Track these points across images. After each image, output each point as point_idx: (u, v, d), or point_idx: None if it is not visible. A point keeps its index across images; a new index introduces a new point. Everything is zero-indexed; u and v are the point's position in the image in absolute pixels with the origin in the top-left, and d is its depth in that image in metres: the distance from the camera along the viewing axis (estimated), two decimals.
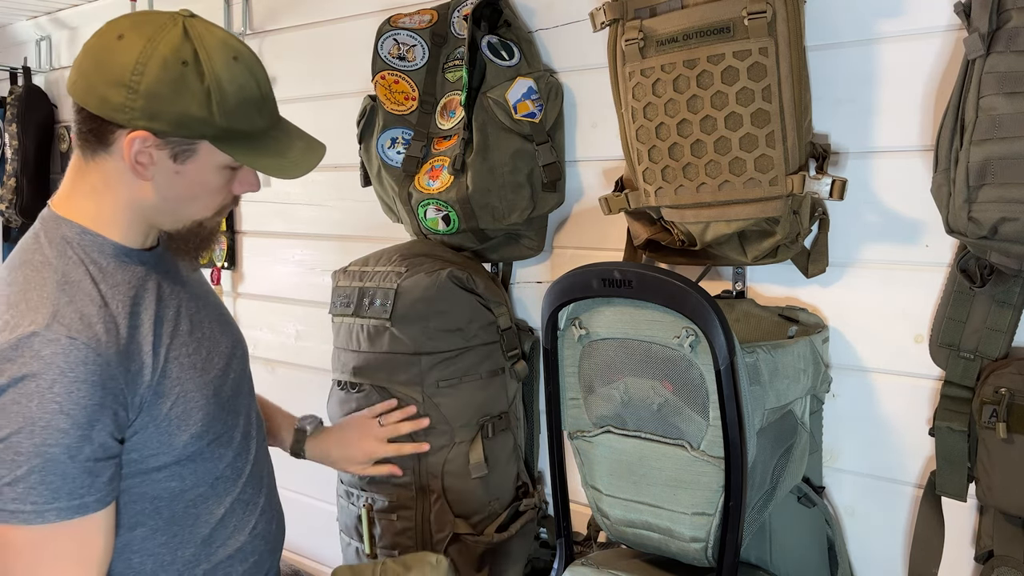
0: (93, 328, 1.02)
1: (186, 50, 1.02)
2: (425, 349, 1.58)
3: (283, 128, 1.13)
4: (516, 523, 1.62)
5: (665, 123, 1.35)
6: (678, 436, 1.18)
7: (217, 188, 1.11)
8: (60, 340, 0.99)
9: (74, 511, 1.00)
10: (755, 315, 1.47)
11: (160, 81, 1.01)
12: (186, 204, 1.11)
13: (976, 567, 1.34)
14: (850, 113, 1.39)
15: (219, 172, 1.09)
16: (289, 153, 1.10)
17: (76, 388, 0.99)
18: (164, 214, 1.11)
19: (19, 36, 3.10)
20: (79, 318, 1.02)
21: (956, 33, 1.28)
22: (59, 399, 0.98)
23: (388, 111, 1.76)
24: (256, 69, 1.09)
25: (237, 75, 1.04)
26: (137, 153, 1.04)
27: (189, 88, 1.01)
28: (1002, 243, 1.14)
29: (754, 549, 1.38)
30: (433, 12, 1.80)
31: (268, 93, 1.10)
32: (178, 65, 1.01)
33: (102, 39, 1.04)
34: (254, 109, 1.07)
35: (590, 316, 1.23)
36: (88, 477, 1.00)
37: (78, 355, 0.99)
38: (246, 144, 1.07)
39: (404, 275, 1.60)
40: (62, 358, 0.99)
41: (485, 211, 1.62)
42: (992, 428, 1.22)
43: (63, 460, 0.98)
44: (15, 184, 2.96)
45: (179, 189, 1.09)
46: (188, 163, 1.07)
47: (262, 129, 1.09)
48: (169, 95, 1.01)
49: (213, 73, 1.02)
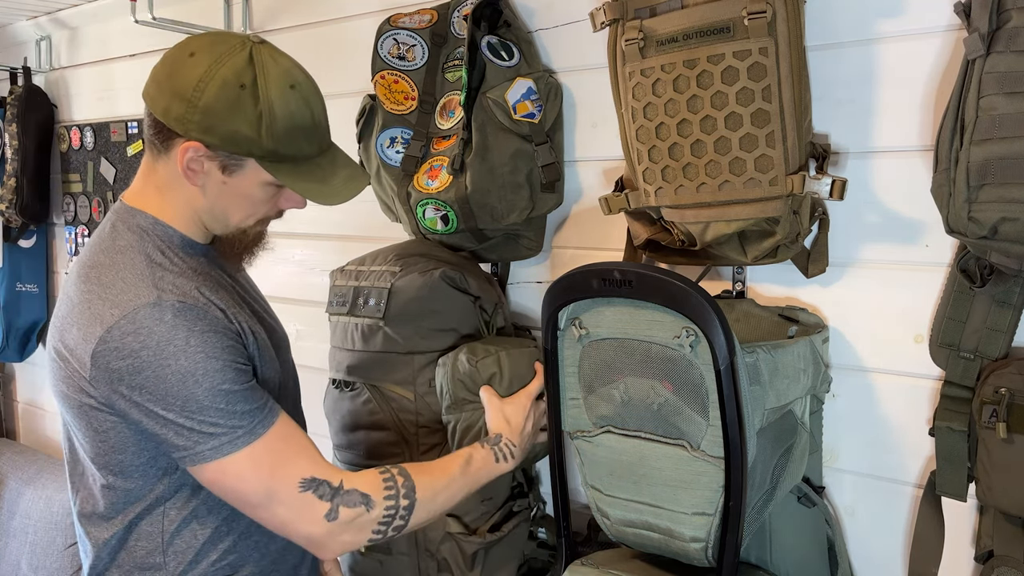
0: (193, 294, 1.15)
1: (247, 74, 1.11)
2: (418, 348, 1.58)
3: (331, 156, 1.22)
4: (509, 523, 1.62)
5: (665, 123, 1.35)
6: (678, 436, 1.18)
7: (261, 201, 1.21)
8: (175, 304, 1.12)
9: (270, 415, 1.17)
10: (755, 315, 1.47)
11: (217, 99, 1.11)
12: (232, 212, 1.22)
13: (976, 567, 1.34)
14: (850, 113, 1.39)
15: (263, 188, 1.19)
16: (331, 180, 1.19)
17: (207, 338, 1.12)
18: (212, 218, 1.22)
19: (19, 36, 3.10)
20: (178, 287, 1.15)
21: (956, 33, 1.28)
22: (201, 348, 1.11)
23: (387, 110, 1.76)
24: (313, 99, 1.17)
25: (291, 103, 1.14)
26: (189, 160, 1.14)
27: (243, 109, 1.11)
28: (1002, 243, 1.14)
29: (754, 549, 1.38)
30: (433, 12, 1.80)
31: (321, 122, 1.19)
32: (236, 87, 1.11)
33: (177, 53, 1.15)
34: (303, 136, 1.16)
35: (590, 316, 1.23)
36: (255, 392, 1.17)
37: (195, 313, 1.13)
38: (291, 167, 1.16)
39: (398, 275, 1.60)
40: (183, 318, 1.11)
41: (484, 211, 1.62)
42: (992, 428, 1.22)
43: (236, 389, 1.13)
44: (15, 184, 2.96)
45: (226, 198, 1.19)
46: (235, 176, 1.17)
47: (309, 155, 1.18)
48: (224, 113, 1.11)
49: (268, 98, 1.12)
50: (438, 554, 1.59)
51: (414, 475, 1.25)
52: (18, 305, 3.10)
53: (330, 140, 1.24)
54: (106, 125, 2.87)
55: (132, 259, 1.16)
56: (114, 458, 1.19)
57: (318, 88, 1.20)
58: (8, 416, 3.46)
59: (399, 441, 1.60)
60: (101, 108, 2.90)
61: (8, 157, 2.97)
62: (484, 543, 1.58)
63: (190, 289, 1.16)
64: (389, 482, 1.22)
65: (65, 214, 3.08)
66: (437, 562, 1.60)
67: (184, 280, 1.17)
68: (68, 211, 3.06)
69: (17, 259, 3.10)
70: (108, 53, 2.81)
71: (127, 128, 2.80)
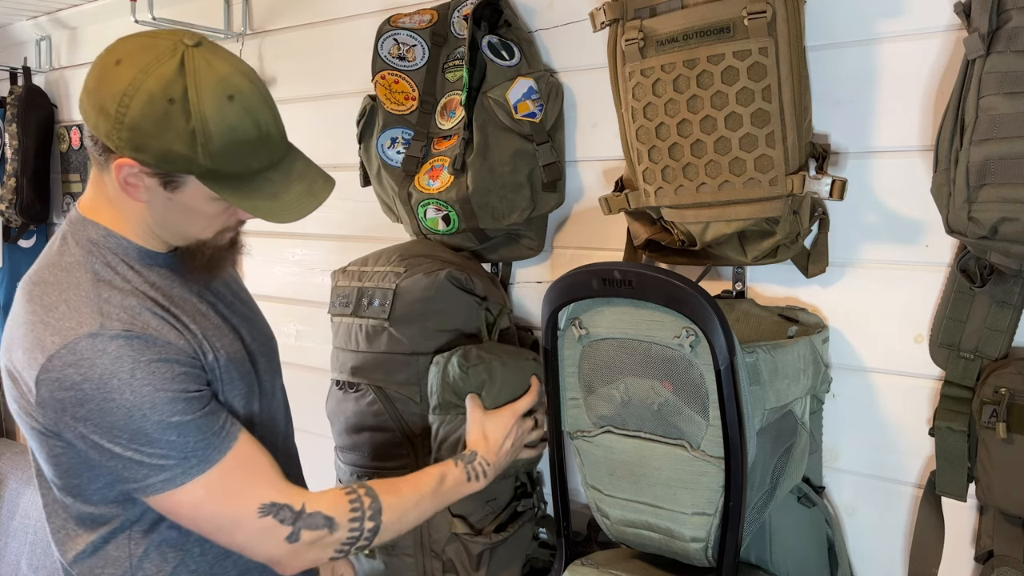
0: (142, 317, 1.07)
1: (176, 87, 1.00)
2: (423, 349, 1.58)
3: (285, 168, 1.11)
4: (514, 523, 1.62)
5: (665, 123, 1.35)
6: (678, 436, 1.18)
7: (214, 215, 1.12)
8: (119, 334, 1.04)
9: (226, 440, 1.10)
10: (755, 315, 1.47)
11: (144, 116, 1.00)
12: (186, 226, 1.13)
13: (976, 567, 1.34)
14: (850, 113, 1.39)
15: (212, 203, 1.09)
16: (283, 196, 1.09)
17: (155, 368, 1.05)
18: (167, 232, 1.14)
19: (19, 36, 3.10)
20: (125, 311, 1.07)
21: (956, 33, 1.28)
22: (148, 381, 1.04)
23: (388, 111, 1.76)
24: (256, 109, 1.05)
25: (228, 116, 1.01)
26: (126, 177, 1.05)
27: (173, 126, 1.00)
28: (1002, 243, 1.14)
29: (754, 549, 1.38)
30: (433, 12, 1.80)
31: (270, 133, 1.07)
32: (164, 102, 0.99)
33: (104, 59, 1.04)
34: (247, 151, 1.04)
35: (590, 316, 1.23)
36: (212, 416, 1.10)
37: (141, 342, 1.05)
38: (236, 184, 1.06)
39: (403, 275, 1.60)
40: (128, 349, 1.04)
41: (485, 211, 1.62)
42: (992, 428, 1.22)
43: (188, 420, 1.06)
44: (15, 184, 2.96)
45: (175, 214, 1.10)
46: (179, 192, 1.07)
47: (256, 170, 1.07)
48: (153, 131, 1.00)
49: (200, 114, 1.00)
50: (443, 555, 1.59)
51: (382, 496, 1.20)
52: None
53: (285, 150, 1.12)
54: None
55: (77, 278, 1.08)
56: (70, 482, 1.13)
57: (266, 95, 1.07)
58: (8, 416, 3.46)
59: (403, 442, 1.60)
60: None
61: (8, 157, 2.97)
62: (490, 543, 1.58)
63: (139, 312, 1.07)
64: (355, 503, 1.17)
65: (65, 214, 3.08)
66: (443, 563, 1.60)
67: (134, 300, 1.08)
68: (68, 211, 3.06)
69: (17, 259, 3.10)
70: None
71: None
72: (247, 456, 1.13)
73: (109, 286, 1.08)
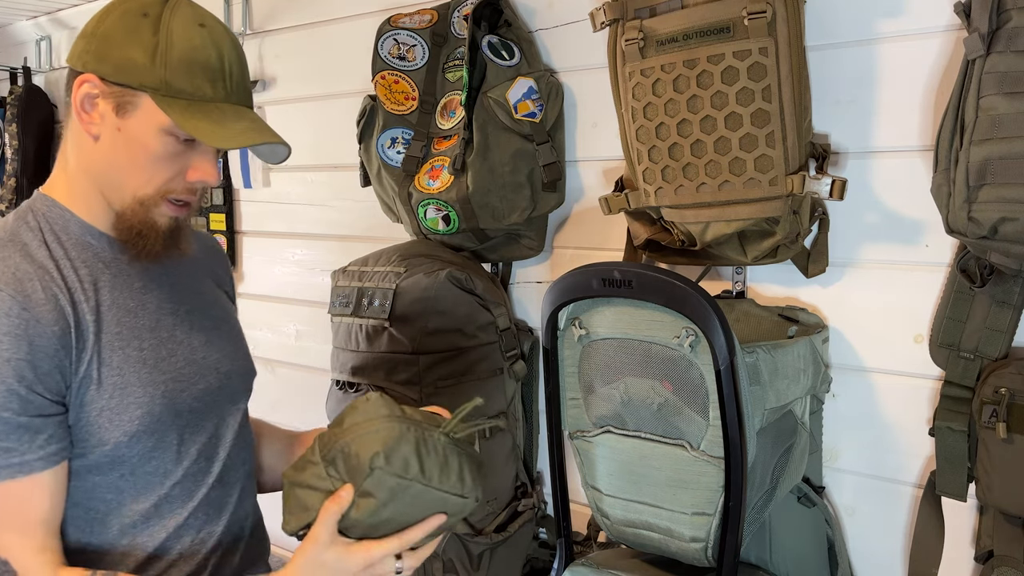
0: (24, 285, 1.00)
1: (154, 7, 1.03)
2: (423, 349, 1.58)
3: (239, 110, 1.07)
4: (514, 523, 1.62)
5: (665, 123, 1.35)
6: (678, 436, 1.18)
7: (160, 158, 1.05)
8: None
9: (16, 470, 0.98)
10: (755, 315, 1.47)
11: (116, 27, 1.02)
12: (129, 171, 1.05)
13: (976, 567, 1.34)
14: (850, 113, 1.39)
15: (161, 138, 1.03)
16: (229, 124, 1.04)
17: (2, 339, 0.96)
18: (108, 183, 1.07)
19: (19, 36, 3.10)
20: (12, 273, 1.00)
21: (956, 33, 1.28)
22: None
23: (388, 111, 1.76)
24: (222, 43, 1.05)
25: (193, 37, 1.03)
26: (83, 98, 1.03)
27: (140, 37, 1.01)
28: (1002, 243, 1.14)
29: (754, 549, 1.38)
30: (433, 12, 1.80)
31: (230, 71, 1.05)
32: (138, 16, 1.02)
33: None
34: (202, 73, 1.03)
35: (590, 316, 1.23)
36: (27, 434, 0.98)
37: (2, 307, 0.97)
38: (186, 104, 1.03)
39: (403, 275, 1.60)
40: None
41: (485, 211, 1.62)
42: (992, 428, 1.22)
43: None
44: (15, 184, 2.96)
45: (122, 152, 1.04)
46: (129, 118, 1.03)
47: (208, 97, 1.04)
48: (120, 39, 1.02)
49: (168, 28, 1.02)
50: (444, 555, 1.59)
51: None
52: None
53: (244, 100, 1.08)
54: None
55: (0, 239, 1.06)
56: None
57: (237, 42, 1.08)
58: None
59: None
60: None
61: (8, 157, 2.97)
62: (490, 544, 1.58)
63: (29, 278, 1.00)
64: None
65: None
66: (443, 563, 1.60)
67: (32, 268, 1.01)
68: None
69: None
70: None
71: None
72: (29, 499, 1.00)
73: (20, 250, 1.03)
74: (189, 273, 1.20)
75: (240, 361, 1.23)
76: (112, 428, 1.04)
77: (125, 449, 1.05)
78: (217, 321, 1.21)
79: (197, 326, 1.16)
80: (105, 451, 1.04)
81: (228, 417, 1.18)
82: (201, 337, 1.16)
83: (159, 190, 1.06)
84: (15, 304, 0.98)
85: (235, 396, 1.20)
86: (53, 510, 1.02)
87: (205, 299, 1.22)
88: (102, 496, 1.07)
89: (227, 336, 1.22)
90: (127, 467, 1.07)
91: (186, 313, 1.16)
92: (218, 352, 1.18)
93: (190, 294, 1.18)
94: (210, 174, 1.07)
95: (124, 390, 1.04)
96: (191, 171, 1.07)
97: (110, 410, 1.04)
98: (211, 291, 1.25)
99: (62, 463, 1.02)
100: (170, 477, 1.10)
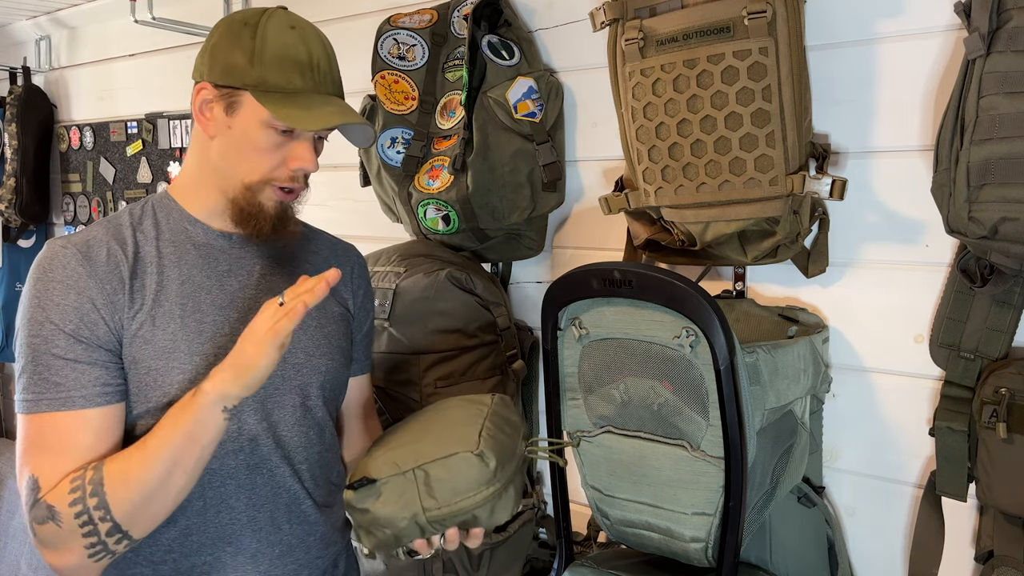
0: (92, 248, 1.13)
1: (254, 17, 1.16)
2: (423, 349, 1.58)
3: (327, 99, 1.18)
4: (514, 523, 1.62)
5: (665, 123, 1.35)
6: (678, 436, 1.18)
7: (264, 149, 1.16)
8: (54, 247, 1.12)
9: (60, 404, 1.07)
10: (755, 315, 1.47)
11: (223, 37, 1.16)
12: (238, 162, 1.17)
13: (976, 567, 1.34)
14: (850, 113, 1.39)
15: (264, 131, 1.15)
16: (315, 109, 1.15)
17: (52, 287, 1.10)
18: (221, 175, 1.18)
19: (19, 36, 3.10)
20: (86, 240, 1.14)
21: (956, 33, 1.28)
22: (39, 295, 1.10)
23: (388, 111, 1.76)
24: (312, 43, 1.17)
25: (284, 36, 1.16)
26: (201, 104, 1.16)
27: (241, 43, 1.15)
28: (1002, 243, 1.14)
29: (754, 549, 1.38)
30: (433, 12, 1.80)
31: (318, 64, 1.17)
32: (240, 26, 1.16)
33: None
34: (294, 68, 1.15)
35: (590, 316, 1.23)
36: (72, 372, 1.08)
37: (61, 259, 1.11)
38: (279, 98, 1.14)
39: (403, 275, 1.60)
40: (48, 261, 1.12)
41: (485, 211, 1.62)
42: (992, 428, 1.22)
43: (43, 351, 1.08)
44: (15, 184, 2.96)
45: (232, 146, 1.16)
46: (236, 116, 1.15)
47: (299, 88, 1.16)
48: (225, 47, 1.15)
49: (263, 32, 1.15)
50: (444, 555, 1.59)
51: (106, 464, 1.06)
52: (17, 305, 3.10)
53: (333, 90, 1.20)
54: (106, 125, 2.87)
55: (104, 218, 1.22)
56: None
57: (325, 41, 1.20)
58: (8, 416, 3.46)
59: None
60: (101, 108, 2.89)
61: (8, 157, 2.97)
62: (490, 544, 1.58)
63: (99, 245, 1.13)
64: (76, 482, 1.04)
65: (64, 214, 3.08)
66: (443, 563, 1.60)
67: (107, 237, 1.15)
68: (68, 211, 3.06)
69: (17, 259, 3.10)
70: (108, 53, 2.81)
71: (127, 128, 2.79)
72: (71, 432, 1.07)
73: (112, 227, 1.17)
74: (293, 268, 1.27)
75: (320, 359, 1.25)
76: (155, 388, 1.12)
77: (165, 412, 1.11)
78: (322, 324, 1.27)
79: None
80: (149, 408, 1.12)
81: (292, 409, 1.22)
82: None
83: (264, 177, 1.17)
84: (74, 259, 1.11)
85: (304, 390, 1.23)
86: (94, 446, 1.08)
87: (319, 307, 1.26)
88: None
89: (311, 331, 1.25)
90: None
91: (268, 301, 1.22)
92: (291, 343, 1.20)
93: (282, 285, 1.22)
94: (308, 160, 1.18)
95: (172, 354, 1.13)
96: (291, 159, 1.18)
97: (155, 371, 1.12)
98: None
99: (109, 406, 1.10)
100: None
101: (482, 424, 1.19)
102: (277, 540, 1.21)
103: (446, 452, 1.14)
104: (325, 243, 1.37)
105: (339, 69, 1.22)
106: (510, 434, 1.20)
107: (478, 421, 1.20)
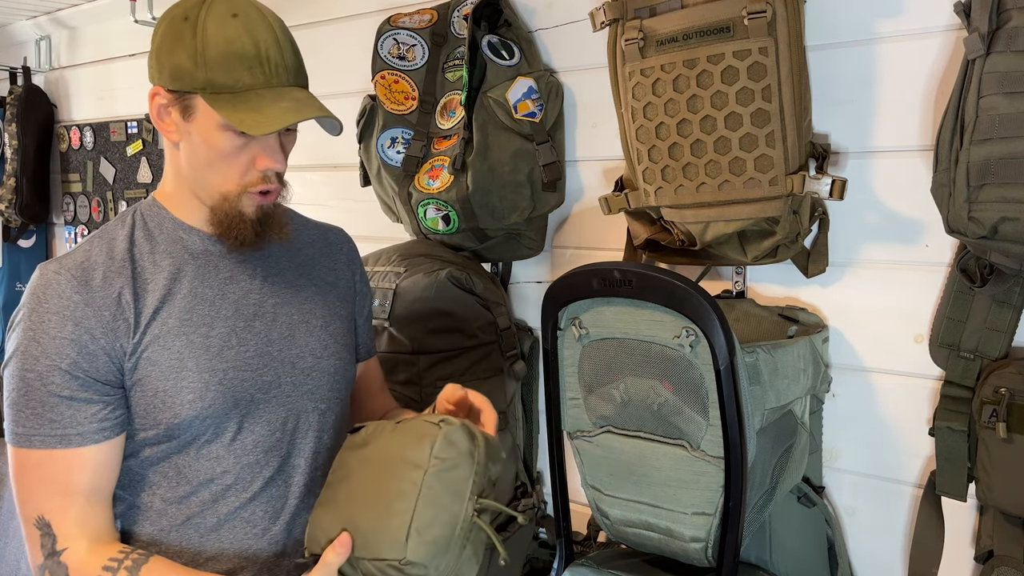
0: (88, 272, 1.07)
1: (193, 9, 1.07)
2: (423, 349, 1.58)
3: (280, 92, 1.08)
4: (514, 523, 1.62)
5: (665, 123, 1.35)
6: (678, 436, 1.18)
7: (229, 154, 1.09)
8: (47, 274, 1.07)
9: (56, 441, 1.04)
10: (755, 315, 1.47)
11: (165, 36, 1.08)
12: (207, 171, 1.11)
13: (976, 567, 1.34)
14: (850, 113, 1.39)
15: (222, 133, 1.07)
16: (266, 109, 1.06)
17: (48, 318, 1.04)
18: (197, 183, 1.13)
19: (19, 36, 3.10)
20: (80, 262, 1.08)
21: (956, 33, 1.28)
22: (34, 327, 1.04)
23: (388, 111, 1.76)
24: (257, 31, 1.07)
25: (226, 29, 1.05)
26: (157, 109, 1.10)
27: (183, 42, 1.06)
28: (1002, 243, 1.14)
29: (754, 549, 1.38)
30: (433, 12, 1.80)
31: (267, 55, 1.07)
32: (180, 21, 1.07)
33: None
34: (240, 64, 1.06)
35: (590, 316, 1.23)
36: (68, 410, 1.04)
37: (56, 287, 1.05)
38: (229, 98, 1.06)
39: (403, 275, 1.60)
40: (42, 290, 1.06)
41: (485, 211, 1.62)
42: (992, 428, 1.22)
43: (37, 387, 1.03)
44: (15, 184, 2.96)
45: (197, 152, 1.10)
46: (193, 120, 1.08)
47: (248, 85, 1.06)
48: (169, 47, 1.07)
49: (203, 27, 1.05)
50: None
51: (151, 560, 1.04)
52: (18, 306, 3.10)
53: (287, 80, 1.10)
54: (106, 125, 2.87)
55: (94, 234, 1.15)
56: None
57: (274, 25, 1.09)
58: None
59: None
60: (101, 108, 2.90)
61: (8, 157, 2.97)
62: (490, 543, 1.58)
63: (95, 266, 1.08)
64: (112, 563, 1.04)
65: (64, 214, 3.08)
66: None
67: (103, 256, 1.09)
68: (68, 211, 3.06)
69: (17, 259, 3.10)
70: (108, 53, 2.81)
71: (127, 128, 2.79)
72: (68, 471, 1.04)
73: (105, 243, 1.12)
74: (292, 267, 1.23)
75: (329, 360, 1.22)
76: (165, 410, 1.08)
77: (179, 432, 1.09)
78: (307, 315, 1.22)
79: (282, 319, 1.18)
80: (159, 432, 1.09)
81: (305, 415, 1.19)
82: (283, 330, 1.18)
83: (238, 185, 1.11)
84: (70, 287, 1.05)
85: (316, 394, 1.20)
86: (95, 484, 1.06)
87: (301, 293, 1.23)
88: (153, 478, 1.11)
89: (317, 332, 1.22)
90: (180, 451, 1.11)
91: (272, 305, 1.18)
92: (299, 347, 1.19)
93: (284, 287, 1.20)
94: (275, 160, 1.11)
95: (179, 374, 1.08)
96: (258, 160, 1.11)
97: (164, 392, 1.08)
98: (312, 286, 1.25)
99: (107, 441, 1.06)
100: (221, 464, 1.12)
101: (413, 509, 1.01)
102: (292, 549, 1.19)
103: (374, 555, 1.01)
104: (315, 232, 1.32)
105: (296, 51, 1.11)
106: (448, 505, 1.03)
107: (411, 500, 1.01)
